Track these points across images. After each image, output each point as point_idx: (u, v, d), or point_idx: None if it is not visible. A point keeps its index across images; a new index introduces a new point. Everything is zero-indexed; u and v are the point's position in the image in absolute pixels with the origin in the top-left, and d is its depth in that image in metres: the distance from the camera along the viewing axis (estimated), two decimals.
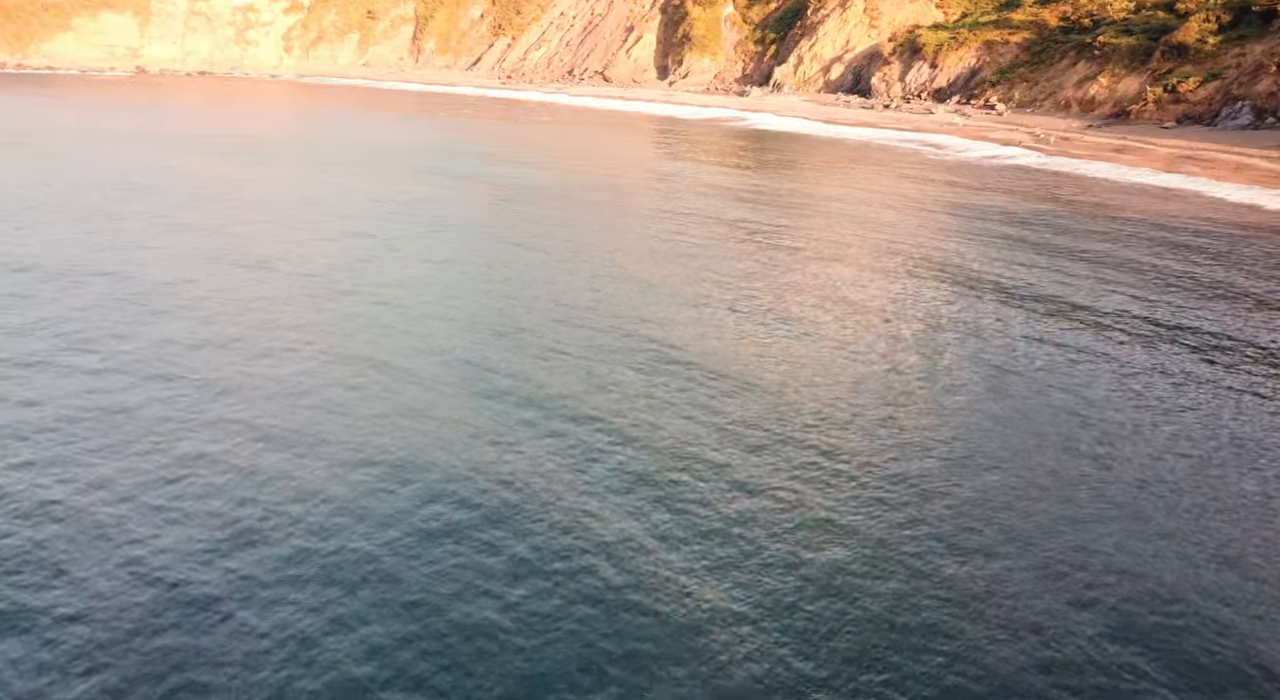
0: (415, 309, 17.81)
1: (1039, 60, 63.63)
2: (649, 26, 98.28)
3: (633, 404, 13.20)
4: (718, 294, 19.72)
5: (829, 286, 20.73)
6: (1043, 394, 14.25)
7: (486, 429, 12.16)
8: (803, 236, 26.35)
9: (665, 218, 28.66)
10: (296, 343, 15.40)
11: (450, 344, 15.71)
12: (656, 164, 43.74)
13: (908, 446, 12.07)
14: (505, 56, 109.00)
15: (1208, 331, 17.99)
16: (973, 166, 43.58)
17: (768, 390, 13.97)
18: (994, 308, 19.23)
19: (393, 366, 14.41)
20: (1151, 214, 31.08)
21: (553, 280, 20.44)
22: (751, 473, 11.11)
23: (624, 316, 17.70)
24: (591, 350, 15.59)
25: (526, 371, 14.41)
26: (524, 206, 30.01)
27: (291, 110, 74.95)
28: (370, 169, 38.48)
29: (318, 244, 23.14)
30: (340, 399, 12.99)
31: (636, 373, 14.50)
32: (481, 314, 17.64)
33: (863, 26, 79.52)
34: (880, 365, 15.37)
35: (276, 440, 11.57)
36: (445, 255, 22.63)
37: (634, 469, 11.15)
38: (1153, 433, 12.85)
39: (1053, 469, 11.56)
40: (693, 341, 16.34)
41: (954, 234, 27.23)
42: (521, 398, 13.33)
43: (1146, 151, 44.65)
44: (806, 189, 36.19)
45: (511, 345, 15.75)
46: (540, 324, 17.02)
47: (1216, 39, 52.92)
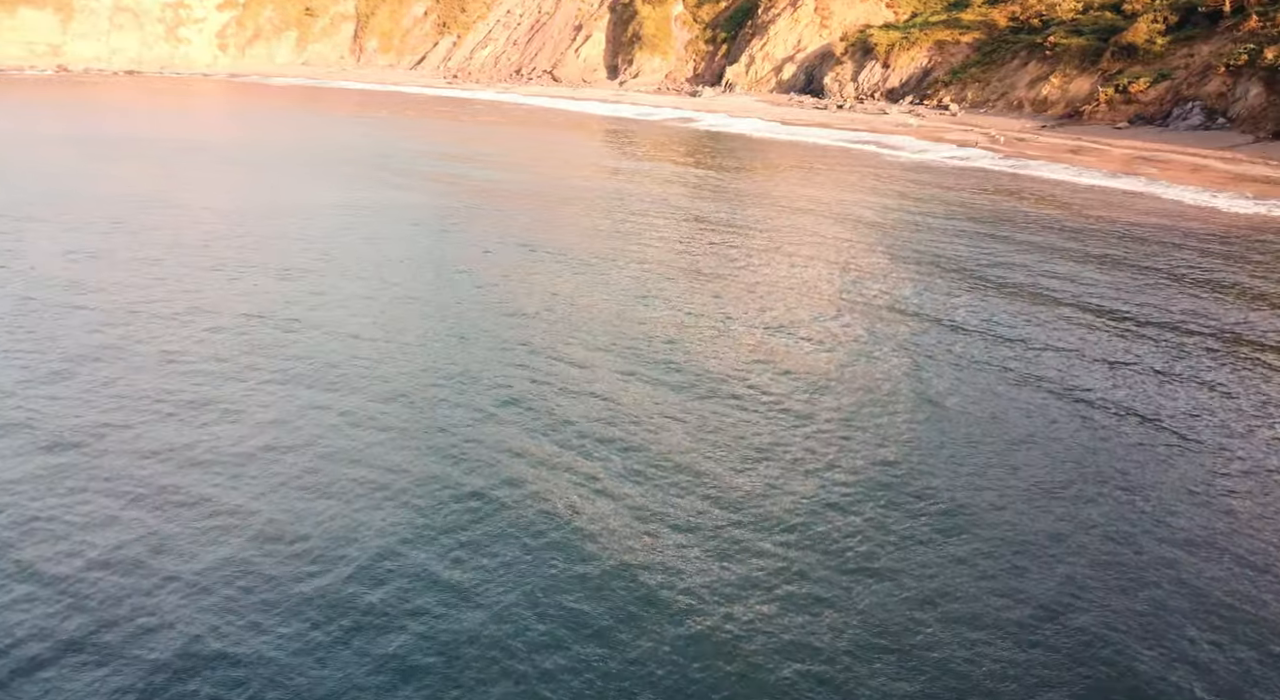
0: (371, 327, 15.91)
1: (990, 60, 63.49)
2: (598, 25, 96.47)
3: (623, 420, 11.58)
4: (664, 306, 18.15)
5: (799, 307, 19.29)
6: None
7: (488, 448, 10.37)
8: (768, 248, 24.94)
9: (622, 230, 26.99)
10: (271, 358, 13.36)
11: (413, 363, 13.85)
12: (610, 171, 42.02)
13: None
14: (450, 55, 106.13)
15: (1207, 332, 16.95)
16: (932, 169, 42.76)
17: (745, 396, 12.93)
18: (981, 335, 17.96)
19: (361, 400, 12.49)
20: (1118, 219, 30.36)
21: (507, 298, 18.64)
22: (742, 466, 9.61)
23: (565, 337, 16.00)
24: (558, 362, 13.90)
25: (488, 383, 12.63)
26: (476, 216, 28.07)
27: (226, 111, 71.45)
28: (315, 174, 36.07)
29: (268, 263, 20.95)
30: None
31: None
32: (435, 342, 15.77)
33: (814, 26, 78.85)
34: (862, 396, 13.94)
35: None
36: (401, 269, 20.65)
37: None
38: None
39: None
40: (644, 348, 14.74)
41: (916, 244, 26.06)
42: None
43: (1102, 152, 44.37)
44: (767, 195, 34.84)
45: (467, 375, 13.94)
46: (492, 351, 15.22)
47: (1164, 39, 53.12)
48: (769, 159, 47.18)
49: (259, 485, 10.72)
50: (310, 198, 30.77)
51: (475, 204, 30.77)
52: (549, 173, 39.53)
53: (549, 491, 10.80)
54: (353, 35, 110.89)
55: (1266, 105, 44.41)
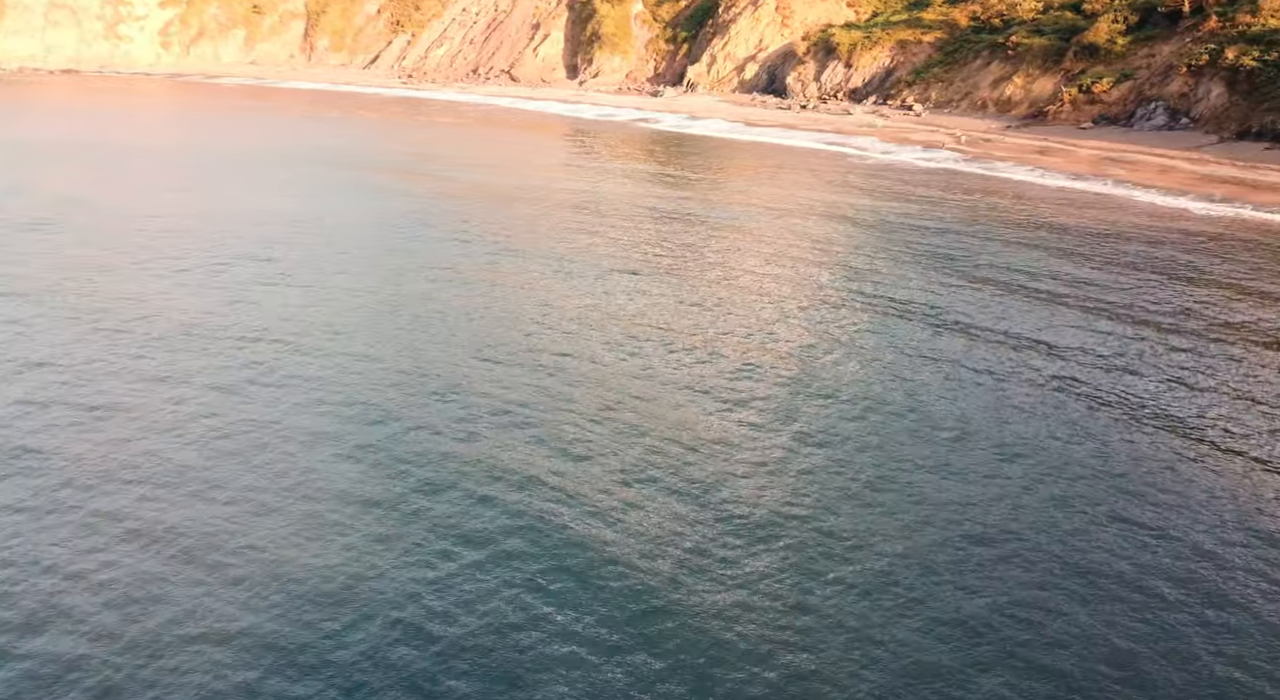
0: (336, 349, 14.28)
1: (953, 60, 63.15)
2: (556, 24, 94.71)
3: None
4: (615, 319, 16.77)
5: (774, 320, 18.01)
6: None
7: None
8: (742, 256, 23.65)
9: (585, 238, 25.52)
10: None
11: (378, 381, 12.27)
12: (571, 175, 40.50)
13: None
14: (405, 54, 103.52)
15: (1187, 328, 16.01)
16: (899, 171, 41.96)
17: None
18: (979, 347, 16.84)
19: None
20: (1090, 223, 29.66)
21: (468, 314, 17.09)
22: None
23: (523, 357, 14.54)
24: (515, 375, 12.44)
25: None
26: (434, 223, 26.36)
27: (168, 112, 68.45)
28: (260, 179, 33.99)
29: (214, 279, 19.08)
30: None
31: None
32: (382, 369, 14.18)
33: (775, 25, 78.05)
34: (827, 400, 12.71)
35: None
36: (362, 285, 18.94)
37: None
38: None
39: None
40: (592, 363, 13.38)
41: (889, 252, 24.98)
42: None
43: (1069, 153, 43.99)
44: (735, 200, 33.62)
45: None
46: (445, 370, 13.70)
47: (1125, 40, 53.10)
48: (735, 161, 46.06)
49: (181, 499, 9.72)
50: (254, 205, 28.83)
51: (432, 209, 29.08)
52: (508, 178, 37.92)
53: (535, 504, 10.38)
54: (303, 34, 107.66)
55: (1229, 105, 44.41)
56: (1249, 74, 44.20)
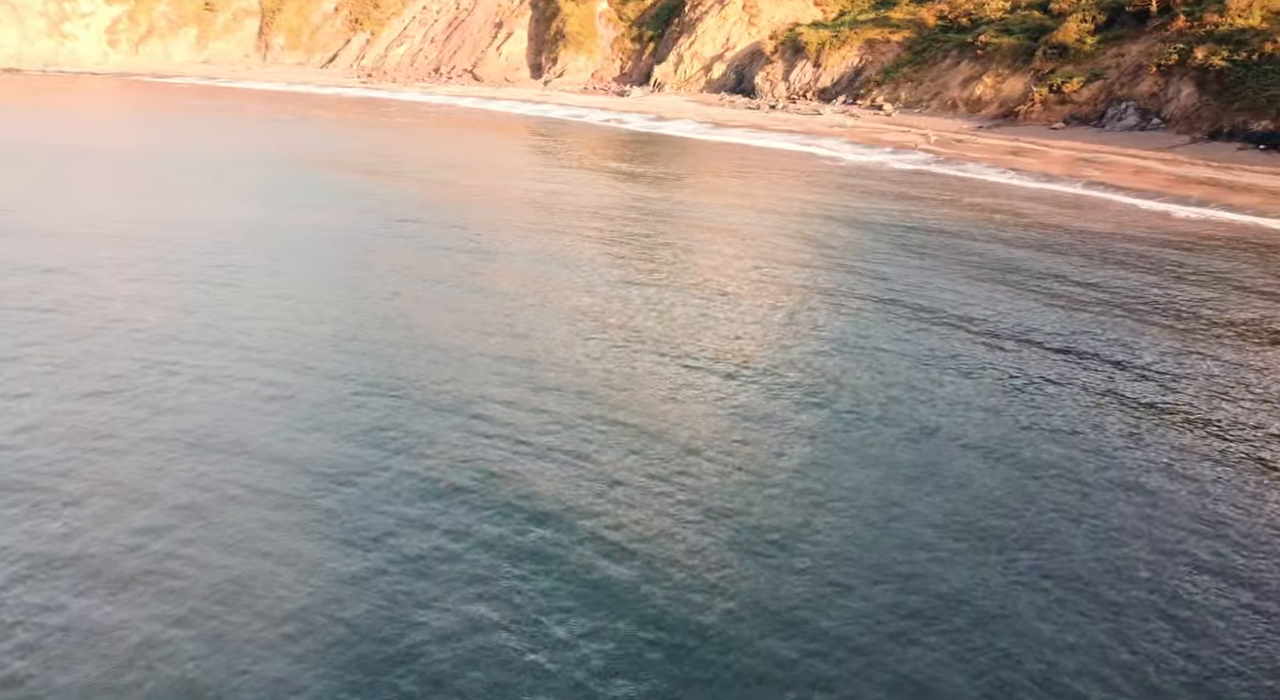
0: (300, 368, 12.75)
1: (922, 60, 62.66)
2: (519, 22, 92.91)
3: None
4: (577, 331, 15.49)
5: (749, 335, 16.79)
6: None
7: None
8: (715, 260, 22.40)
9: (552, 245, 24.09)
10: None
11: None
12: (538, 178, 39.00)
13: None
14: (364, 53, 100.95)
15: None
16: (872, 173, 41.11)
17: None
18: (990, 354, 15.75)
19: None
20: (1081, 230, 28.91)
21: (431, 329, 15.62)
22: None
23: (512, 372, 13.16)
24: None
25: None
26: (395, 233, 24.74)
27: (117, 113, 65.60)
28: (211, 185, 32.04)
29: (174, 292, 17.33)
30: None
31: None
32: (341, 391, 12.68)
33: (742, 24, 77.11)
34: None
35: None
36: (319, 303, 17.32)
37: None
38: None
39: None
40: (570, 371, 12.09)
41: (867, 255, 23.90)
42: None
43: (1042, 154, 43.50)
44: (708, 205, 32.40)
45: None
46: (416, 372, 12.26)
47: (1094, 39, 52.90)
48: (705, 163, 44.92)
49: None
50: (204, 213, 26.99)
51: (394, 218, 27.47)
52: (473, 181, 36.36)
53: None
54: (258, 32, 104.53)
55: (1199, 105, 44.24)
56: (1218, 74, 44.07)
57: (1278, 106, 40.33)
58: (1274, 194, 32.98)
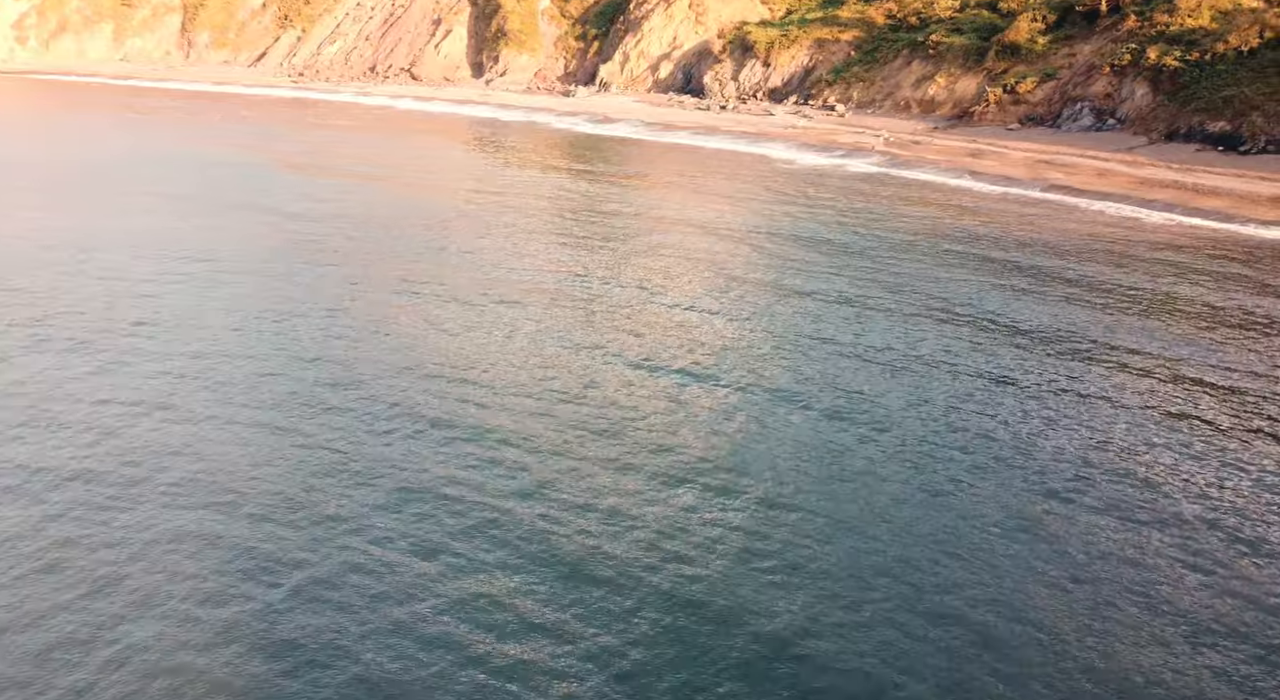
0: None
1: (873, 59, 61.55)
2: (458, 19, 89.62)
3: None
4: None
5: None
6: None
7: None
8: (669, 273, 20.32)
9: (493, 258, 21.73)
10: None
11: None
12: (479, 184, 36.40)
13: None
14: (295, 51, 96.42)
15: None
16: (829, 177, 39.54)
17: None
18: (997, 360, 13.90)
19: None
20: (1045, 237, 27.57)
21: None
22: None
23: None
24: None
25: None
26: (321, 246, 22.06)
27: (18, 116, 60.73)
28: (120, 196, 28.77)
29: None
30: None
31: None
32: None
33: (689, 22, 75.27)
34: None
35: None
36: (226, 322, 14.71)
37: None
38: None
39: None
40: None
41: (829, 272, 22.09)
42: None
43: (1002, 156, 42.47)
44: (659, 210, 30.30)
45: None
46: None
47: (1045, 39, 52.28)
48: (655, 168, 42.84)
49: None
50: (109, 226, 23.92)
51: (322, 230, 24.75)
52: (409, 189, 33.66)
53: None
54: (180, 28, 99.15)
55: (1154, 106, 43.71)
56: (1172, 74, 43.59)
57: (1233, 107, 39.88)
58: (1241, 197, 32.25)
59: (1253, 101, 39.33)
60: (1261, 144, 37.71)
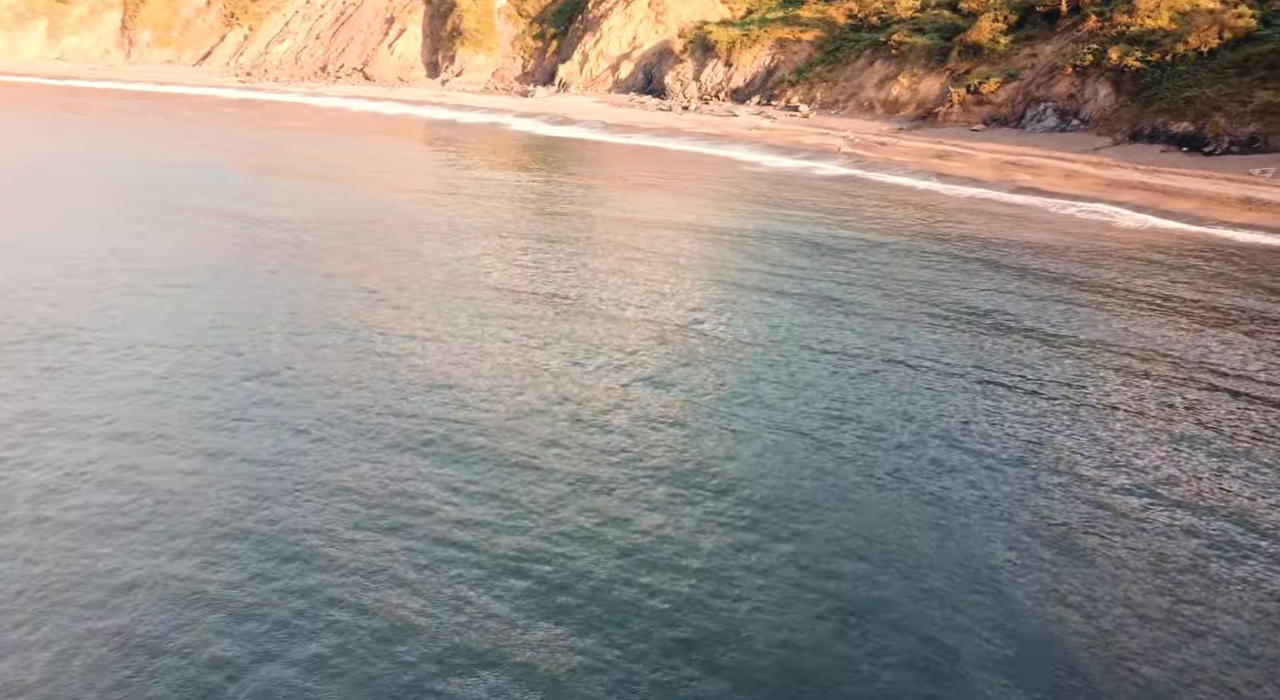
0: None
1: (835, 59, 61.05)
2: (413, 18, 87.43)
3: None
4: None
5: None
6: None
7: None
8: (635, 283, 19.12)
9: (449, 273, 20.34)
10: None
11: None
12: (433, 190, 34.85)
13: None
14: (242, 50, 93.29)
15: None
16: (796, 180, 38.70)
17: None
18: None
19: None
20: (1020, 242, 26.94)
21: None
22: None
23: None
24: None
25: None
26: (267, 259, 20.43)
27: None
28: (49, 207, 26.67)
29: None
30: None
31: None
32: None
33: (649, 22, 74.17)
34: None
35: None
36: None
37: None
38: None
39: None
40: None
41: (803, 278, 21.11)
42: None
43: (969, 157, 42.04)
44: (624, 217, 29.09)
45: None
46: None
47: (1007, 39, 52.16)
48: (618, 171, 41.63)
49: None
50: (37, 232, 21.99)
51: (267, 243, 23.09)
52: (360, 194, 31.98)
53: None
54: (119, 26, 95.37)
55: (1117, 106, 43.66)
56: (1134, 75, 43.59)
57: (1196, 108, 39.90)
58: (1209, 199, 32.04)
59: (1215, 102, 39.37)
60: (1225, 145, 37.71)
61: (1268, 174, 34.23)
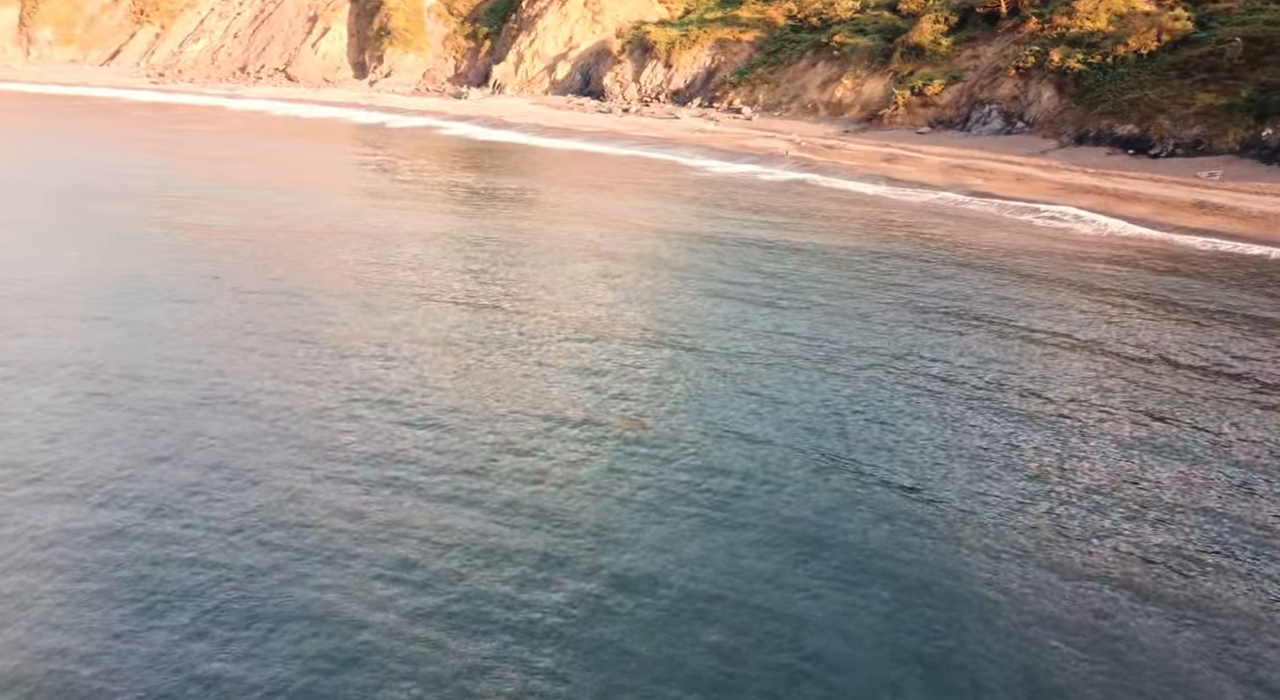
0: None
1: (776, 60, 60.02)
2: (337, 17, 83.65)
3: None
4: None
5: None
6: None
7: None
8: (581, 304, 17.22)
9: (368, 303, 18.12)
10: None
11: None
12: (358, 203, 32.29)
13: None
14: (154, 49, 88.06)
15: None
16: (745, 186, 37.28)
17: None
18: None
19: None
20: (982, 247, 25.88)
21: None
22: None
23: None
24: None
25: None
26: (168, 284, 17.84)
27: None
28: None
29: None
30: None
31: None
32: None
33: (585, 21, 72.17)
34: None
35: None
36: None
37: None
38: None
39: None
40: None
41: (750, 294, 19.54)
42: None
43: (918, 161, 41.23)
44: (567, 228, 27.13)
45: None
46: None
47: (949, 41, 51.76)
48: (559, 177, 39.59)
49: None
50: None
51: (183, 255, 20.45)
52: (281, 207, 29.30)
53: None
54: (17, 23, 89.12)
55: (1061, 108, 43.42)
56: (1076, 77, 43.41)
57: (1139, 110, 39.77)
58: (1163, 203, 31.64)
59: (1158, 105, 39.29)
60: (1170, 147, 37.59)
61: (1215, 177, 34.07)
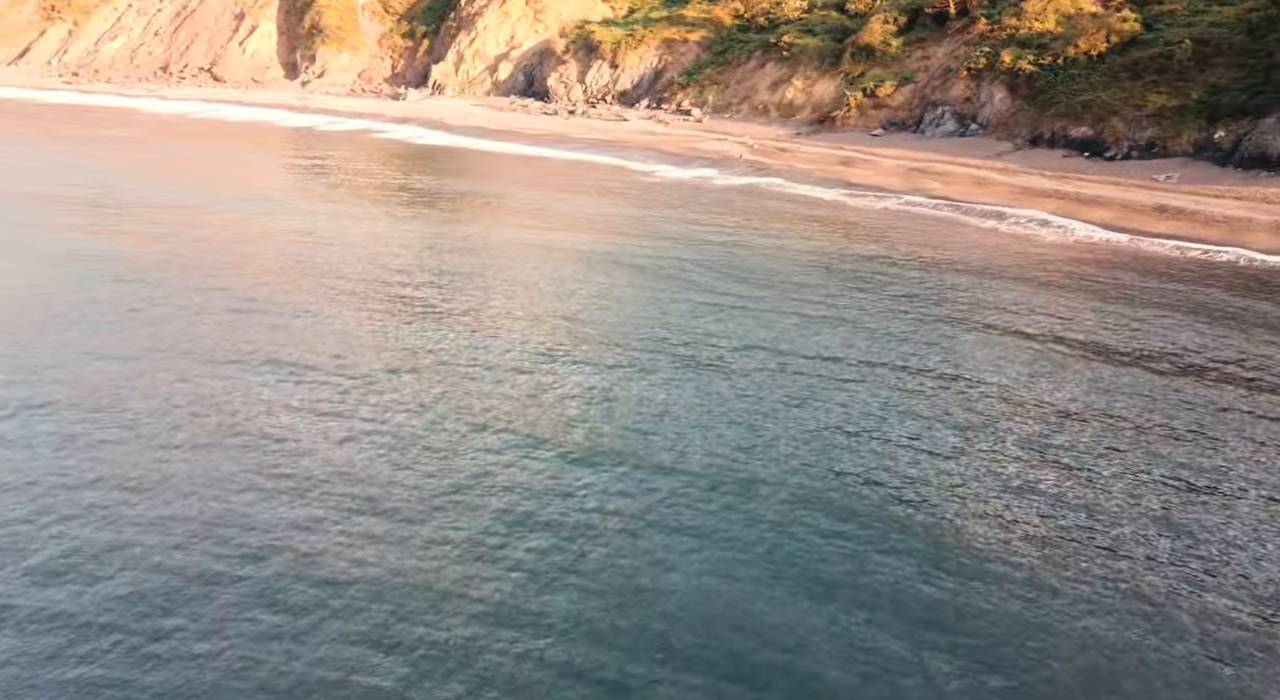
0: None
1: (724, 61, 58.80)
2: (265, 14, 79.86)
3: None
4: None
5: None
6: None
7: None
8: (530, 321, 15.45)
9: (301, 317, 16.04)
10: None
11: None
12: (286, 215, 29.83)
13: None
14: (66, 47, 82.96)
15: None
16: (699, 191, 35.81)
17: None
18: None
19: None
20: (951, 250, 24.80)
21: None
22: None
23: None
24: None
25: None
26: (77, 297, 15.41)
27: None
28: None
29: None
30: None
31: None
32: None
33: (527, 20, 70.01)
34: None
35: None
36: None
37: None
38: None
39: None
40: None
41: (708, 309, 18.02)
42: None
43: (874, 164, 40.30)
44: (511, 239, 25.23)
45: None
46: None
47: (899, 41, 51.12)
48: (504, 185, 37.56)
49: None
50: None
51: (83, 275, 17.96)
52: (189, 216, 26.74)
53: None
54: None
55: (1014, 110, 42.98)
56: (1028, 78, 43.02)
57: (1093, 112, 39.45)
58: (1125, 207, 31.11)
59: (1110, 106, 39.00)
60: (1125, 149, 37.28)
61: (1172, 180, 33.75)
